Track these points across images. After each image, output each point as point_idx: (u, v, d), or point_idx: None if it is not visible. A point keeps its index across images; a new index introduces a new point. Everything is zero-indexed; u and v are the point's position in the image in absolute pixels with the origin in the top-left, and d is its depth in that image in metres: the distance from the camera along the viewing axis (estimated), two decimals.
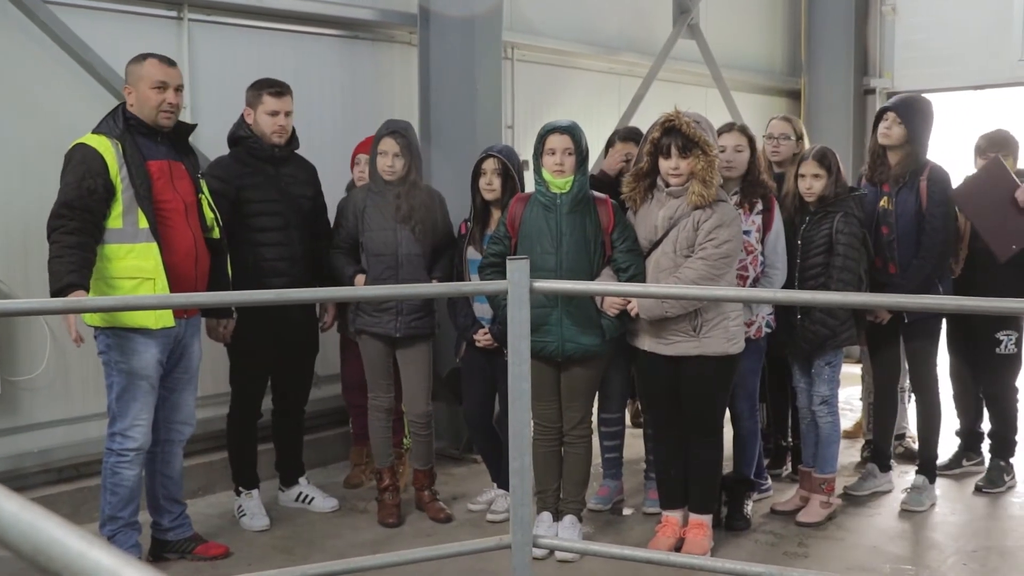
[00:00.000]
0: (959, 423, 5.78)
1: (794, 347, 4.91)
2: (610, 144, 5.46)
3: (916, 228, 4.99)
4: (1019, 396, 5.57)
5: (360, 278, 4.83)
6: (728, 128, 4.90)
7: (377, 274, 4.83)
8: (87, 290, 3.88)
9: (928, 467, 5.20)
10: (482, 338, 4.77)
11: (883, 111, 5.12)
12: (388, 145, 4.80)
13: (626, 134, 5.41)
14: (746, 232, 4.64)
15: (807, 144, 5.43)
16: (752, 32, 9.40)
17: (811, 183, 4.82)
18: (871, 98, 9.59)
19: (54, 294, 3.81)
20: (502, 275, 4.36)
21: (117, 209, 4.02)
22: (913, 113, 5.01)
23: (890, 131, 5.00)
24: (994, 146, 5.43)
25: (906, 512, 5.04)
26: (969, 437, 5.75)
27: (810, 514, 4.89)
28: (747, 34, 9.30)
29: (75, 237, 3.91)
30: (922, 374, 5.24)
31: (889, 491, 5.32)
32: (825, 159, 4.83)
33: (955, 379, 5.70)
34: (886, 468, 5.38)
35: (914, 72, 9.36)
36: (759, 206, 4.79)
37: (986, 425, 5.65)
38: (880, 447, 5.41)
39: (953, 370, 5.69)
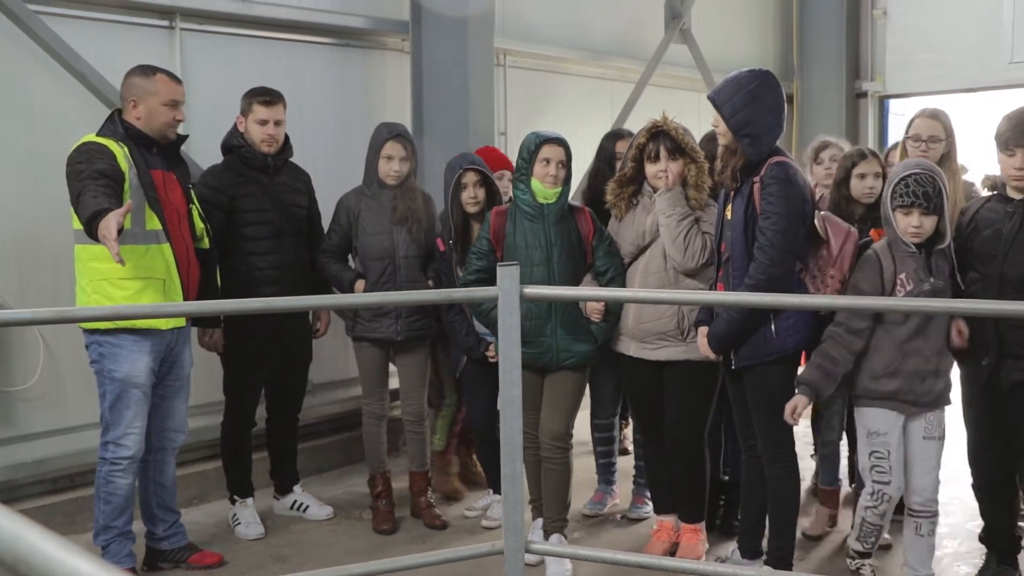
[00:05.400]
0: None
1: None
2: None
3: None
4: None
5: (360, 283, 4.83)
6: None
7: (375, 278, 4.83)
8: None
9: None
10: (494, 354, 4.69)
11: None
12: (395, 150, 4.81)
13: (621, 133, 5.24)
14: None
15: (956, 143, 4.66)
16: (744, 36, 9.43)
17: (873, 183, 4.44)
18: (863, 101, 9.66)
19: (87, 223, 3.69)
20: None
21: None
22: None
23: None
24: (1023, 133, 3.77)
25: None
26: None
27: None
28: (739, 38, 9.33)
29: (99, 181, 3.83)
30: None
31: None
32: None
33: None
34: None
35: (905, 75, 9.43)
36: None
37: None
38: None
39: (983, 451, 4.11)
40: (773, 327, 3.85)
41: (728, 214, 3.96)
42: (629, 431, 5.69)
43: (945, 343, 3.84)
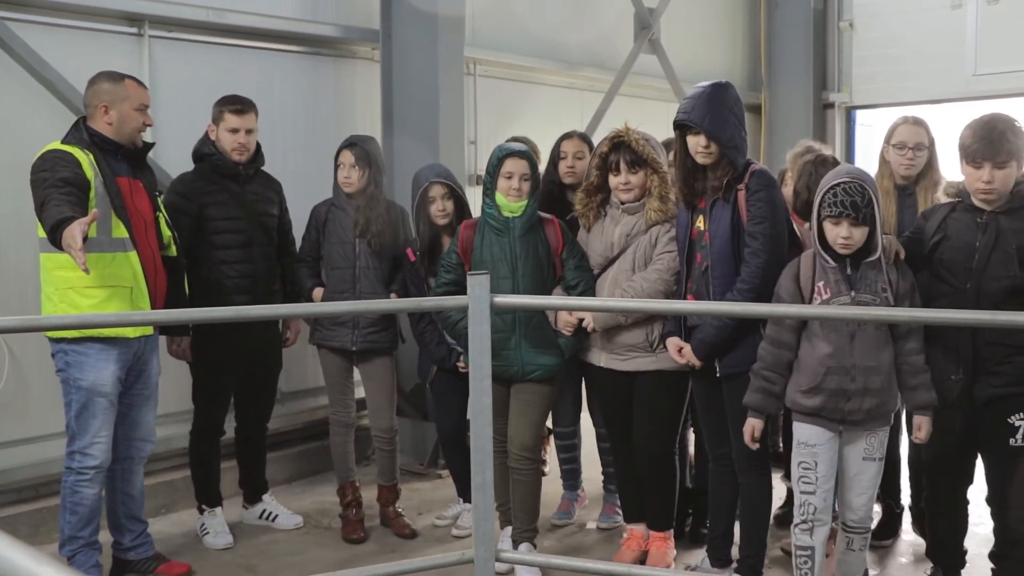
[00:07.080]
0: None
1: None
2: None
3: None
4: None
5: (318, 292, 4.88)
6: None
7: (334, 287, 4.87)
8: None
9: None
10: (465, 365, 4.66)
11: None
12: (345, 157, 4.86)
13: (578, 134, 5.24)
14: None
15: (938, 152, 4.50)
16: (712, 47, 9.51)
17: None
18: (830, 112, 9.76)
19: (50, 232, 3.68)
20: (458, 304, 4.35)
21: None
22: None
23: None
24: (990, 145, 3.56)
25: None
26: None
27: None
28: (707, 49, 9.40)
29: (63, 189, 3.81)
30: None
31: None
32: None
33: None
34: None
35: (871, 87, 9.54)
36: None
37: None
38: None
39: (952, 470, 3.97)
40: (763, 334, 3.82)
41: (701, 225, 3.98)
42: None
43: (878, 362, 3.58)
